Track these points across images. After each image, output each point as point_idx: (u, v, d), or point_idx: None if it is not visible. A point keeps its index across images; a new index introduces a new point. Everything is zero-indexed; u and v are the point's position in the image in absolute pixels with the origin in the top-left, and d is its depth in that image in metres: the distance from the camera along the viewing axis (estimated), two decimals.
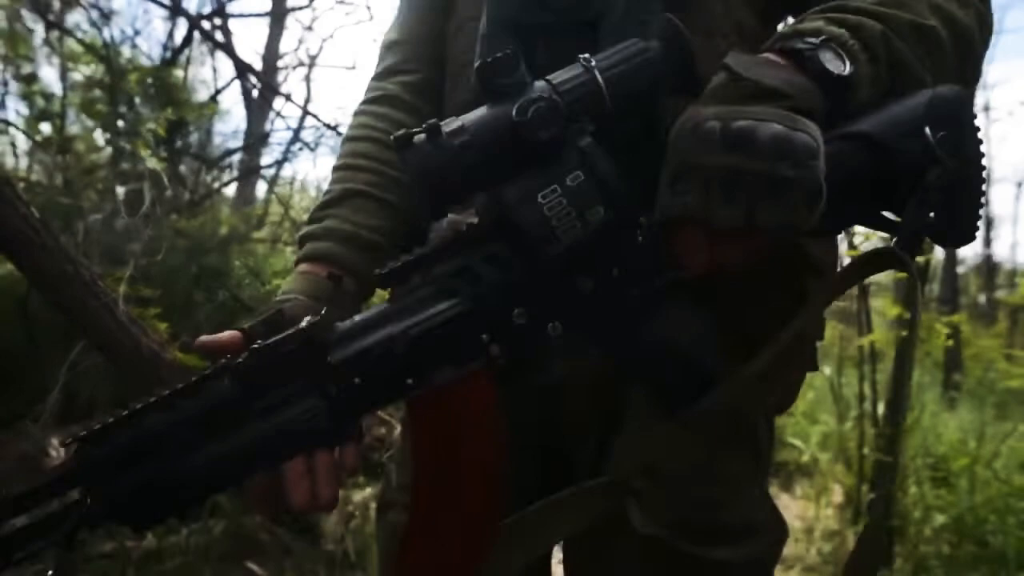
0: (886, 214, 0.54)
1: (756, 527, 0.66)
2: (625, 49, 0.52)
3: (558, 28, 0.62)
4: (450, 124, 0.48)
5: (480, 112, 0.50)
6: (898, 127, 0.52)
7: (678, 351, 0.53)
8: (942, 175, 0.50)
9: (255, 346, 0.48)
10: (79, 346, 2.78)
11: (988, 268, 14.68)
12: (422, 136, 0.48)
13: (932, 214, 0.51)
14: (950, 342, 2.67)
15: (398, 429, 3.26)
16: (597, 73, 0.50)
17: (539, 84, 0.50)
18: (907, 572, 2.19)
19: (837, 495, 2.79)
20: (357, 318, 0.51)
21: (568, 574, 0.72)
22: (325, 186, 0.76)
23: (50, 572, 0.49)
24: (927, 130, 0.51)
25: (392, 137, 0.49)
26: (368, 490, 2.81)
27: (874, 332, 2.39)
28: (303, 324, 0.48)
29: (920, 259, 2.29)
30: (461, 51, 0.72)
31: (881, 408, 2.49)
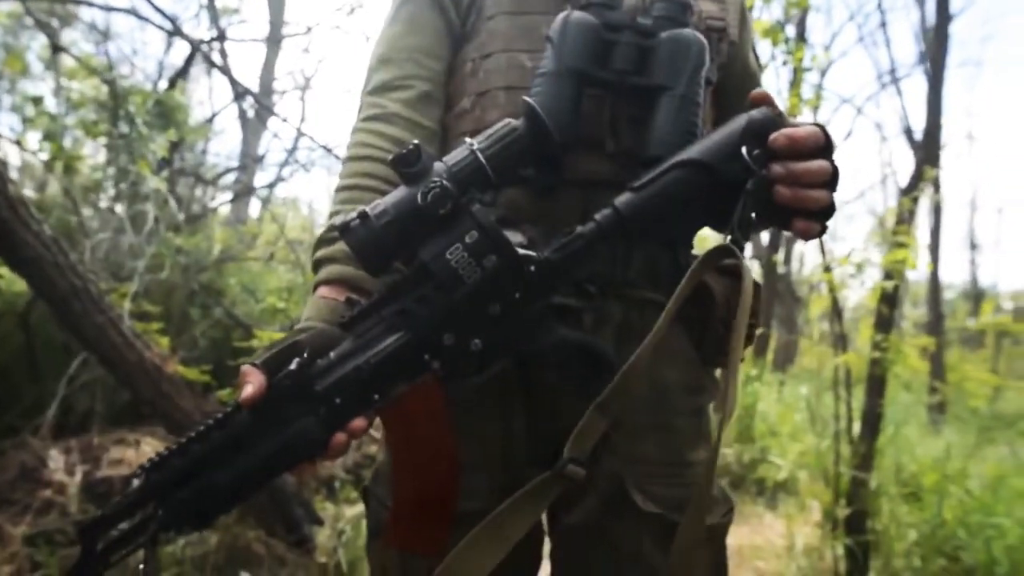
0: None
1: (719, 499, 0.80)
2: (498, 131, 0.67)
3: (617, 87, 0.75)
4: (376, 208, 0.64)
5: (397, 195, 0.65)
6: (721, 150, 0.68)
7: (577, 345, 0.70)
8: (758, 183, 0.66)
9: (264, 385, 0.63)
10: (78, 360, 2.84)
11: (975, 294, 14.93)
12: (356, 220, 0.64)
13: (754, 214, 0.66)
14: (921, 364, 2.77)
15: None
16: (479, 154, 0.66)
17: (438, 166, 0.66)
18: None
19: (816, 512, 2.86)
20: (332, 355, 0.66)
21: (561, 563, 0.80)
22: (316, 204, 0.84)
23: (141, 566, 0.61)
24: (743, 149, 0.67)
25: (334, 226, 0.65)
26: (359, 507, 2.87)
27: (848, 353, 2.49)
28: (293, 366, 0.63)
29: (888, 284, 2.41)
30: (488, 77, 0.81)
31: (857, 428, 2.59)
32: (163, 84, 4.70)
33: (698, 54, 0.74)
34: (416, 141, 0.65)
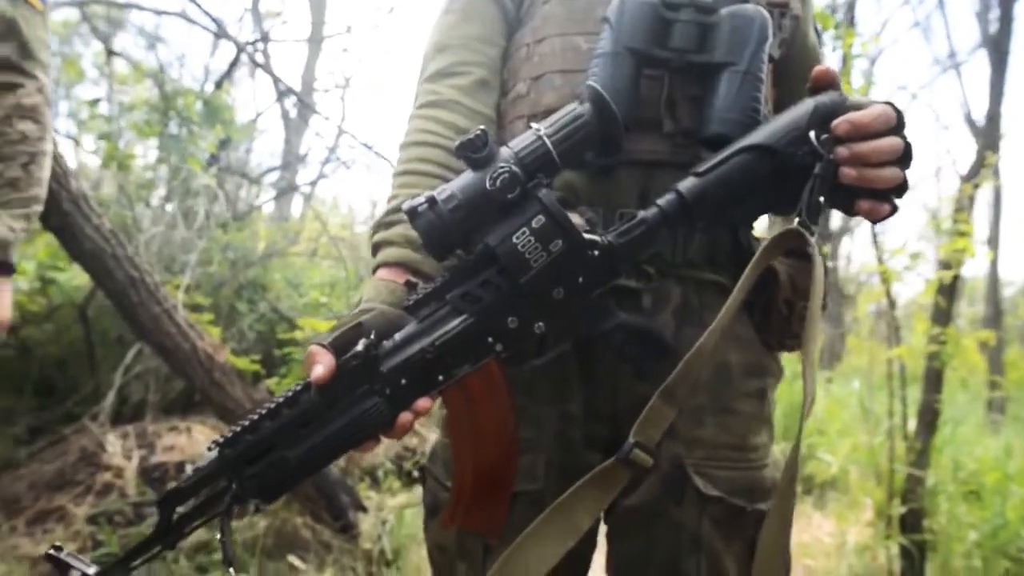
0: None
1: (774, 487, 0.77)
2: (565, 115, 0.67)
3: (677, 65, 0.74)
4: (443, 193, 0.64)
5: (464, 180, 0.65)
6: (788, 135, 0.67)
7: (637, 329, 0.69)
8: (826, 166, 0.64)
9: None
10: (133, 351, 2.95)
11: None
12: (424, 205, 0.64)
13: (822, 197, 0.64)
14: (980, 361, 2.65)
15: (430, 440, 3.35)
16: (546, 139, 0.66)
17: (504, 152, 0.65)
18: None
19: (868, 511, 2.77)
20: (397, 336, 0.66)
21: (618, 546, 0.79)
22: (355, 204, 0.84)
23: (219, 536, 0.63)
24: (812, 134, 0.65)
25: (404, 211, 0.66)
26: (401, 496, 2.90)
27: (903, 347, 2.40)
28: (360, 347, 0.64)
29: (946, 274, 2.31)
30: (543, 61, 0.81)
31: (912, 423, 2.50)
32: (209, 87, 4.83)
33: (761, 29, 0.73)
34: (481, 127, 0.65)
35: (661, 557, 0.75)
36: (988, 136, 3.73)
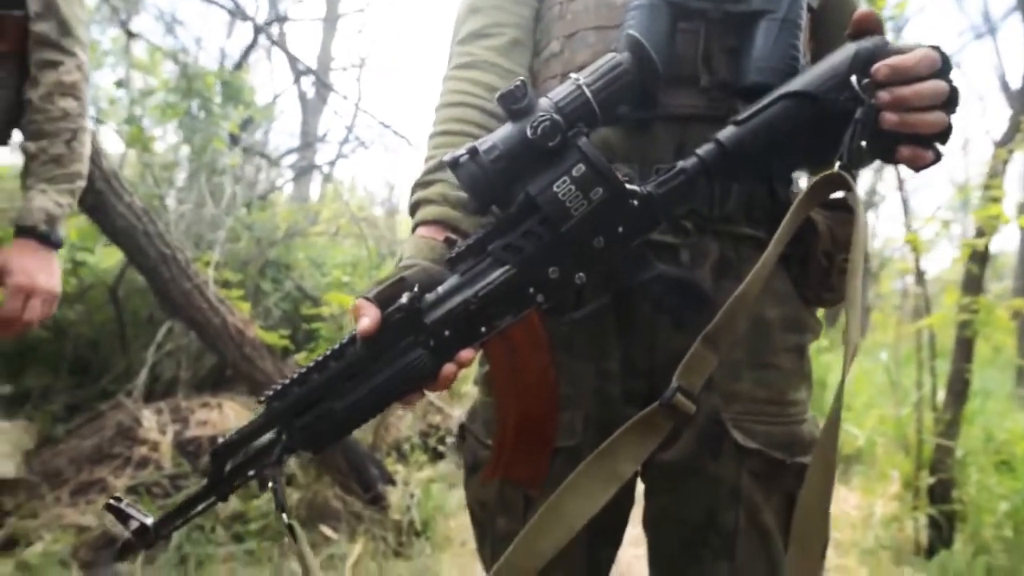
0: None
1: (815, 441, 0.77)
2: (604, 64, 0.67)
3: (713, 16, 0.73)
4: (484, 143, 0.65)
5: (505, 131, 0.66)
6: (828, 81, 0.65)
7: (676, 280, 0.69)
8: (868, 112, 0.63)
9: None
10: (163, 329, 3.01)
11: None
12: (466, 156, 0.65)
13: (864, 143, 0.63)
14: (1009, 327, 2.60)
15: (454, 416, 3.39)
16: (585, 88, 0.66)
17: (543, 102, 0.66)
18: (967, 554, 2.18)
19: (895, 482, 2.76)
20: (440, 289, 0.67)
21: (655, 501, 0.80)
22: (371, 186, 0.85)
23: (270, 484, 0.65)
24: (853, 79, 0.64)
25: (445, 162, 0.66)
26: (428, 471, 2.95)
27: (934, 315, 2.36)
28: (404, 300, 0.65)
29: (979, 241, 2.27)
30: (576, 18, 0.81)
31: (941, 394, 2.47)
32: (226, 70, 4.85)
33: None
34: (521, 78, 0.65)
35: (698, 511, 0.76)
36: (1023, 101, 3.62)
